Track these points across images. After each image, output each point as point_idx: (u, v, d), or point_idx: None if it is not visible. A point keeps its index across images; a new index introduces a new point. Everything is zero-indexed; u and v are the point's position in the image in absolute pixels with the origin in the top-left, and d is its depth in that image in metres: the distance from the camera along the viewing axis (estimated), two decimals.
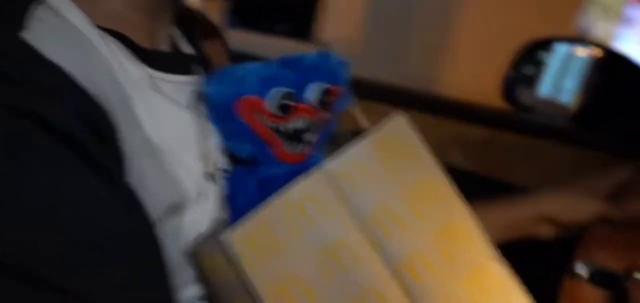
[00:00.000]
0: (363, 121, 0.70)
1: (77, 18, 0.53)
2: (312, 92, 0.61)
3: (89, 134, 0.46)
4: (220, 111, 0.60)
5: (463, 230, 0.60)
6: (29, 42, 0.47)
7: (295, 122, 0.60)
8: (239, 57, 0.80)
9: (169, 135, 0.57)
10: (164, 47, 0.64)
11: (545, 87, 1.51)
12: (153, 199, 0.53)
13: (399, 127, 0.60)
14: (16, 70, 0.45)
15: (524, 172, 1.30)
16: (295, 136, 0.61)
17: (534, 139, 1.33)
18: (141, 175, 0.52)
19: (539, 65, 1.54)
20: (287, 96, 0.59)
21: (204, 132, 0.61)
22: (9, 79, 0.44)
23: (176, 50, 0.67)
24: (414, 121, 1.40)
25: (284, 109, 0.59)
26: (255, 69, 0.60)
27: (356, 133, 0.73)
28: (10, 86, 0.44)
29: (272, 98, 0.59)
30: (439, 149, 1.39)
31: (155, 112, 0.56)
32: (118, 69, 0.54)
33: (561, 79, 1.49)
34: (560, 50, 1.50)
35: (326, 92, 0.61)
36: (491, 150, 1.34)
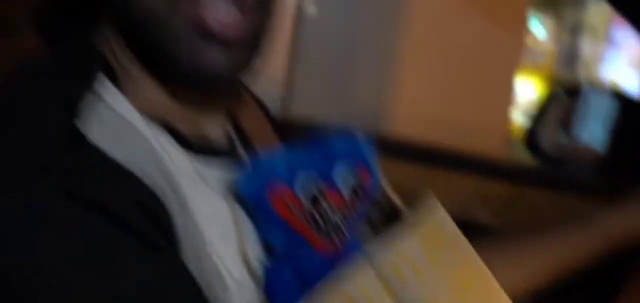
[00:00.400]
0: (396, 199, 0.69)
1: (125, 109, 0.55)
2: (342, 178, 0.60)
3: (146, 220, 0.49)
4: (252, 202, 0.59)
5: None
6: (85, 133, 0.50)
7: (326, 210, 0.60)
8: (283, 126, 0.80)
9: (211, 225, 0.57)
10: (212, 132, 0.64)
11: (571, 134, 1.49)
12: None
13: (435, 211, 0.59)
14: (75, 161, 0.48)
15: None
16: (326, 224, 0.60)
17: (560, 193, 1.31)
18: (188, 263, 0.53)
19: (561, 112, 1.53)
20: (316, 184, 0.59)
21: (241, 223, 0.61)
22: (69, 169, 0.48)
23: (225, 134, 0.67)
24: (437, 178, 1.40)
25: (313, 197, 0.58)
26: (283, 157, 0.59)
27: (388, 211, 0.72)
28: (71, 176, 0.47)
29: (302, 187, 0.58)
30: (463, 206, 1.39)
31: (200, 200, 0.57)
32: (165, 157, 0.56)
33: (587, 125, 1.48)
34: (585, 95, 1.49)
35: (355, 176, 0.61)
36: (517, 206, 1.33)
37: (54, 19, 0.66)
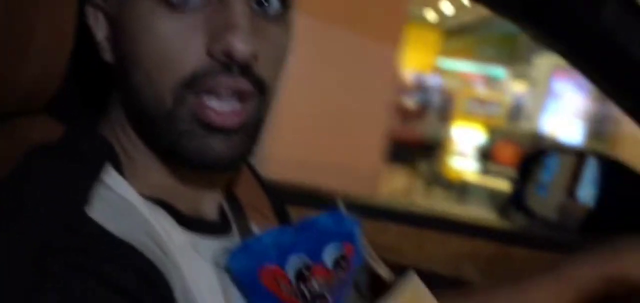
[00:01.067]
0: (380, 270, 0.75)
1: (128, 192, 0.60)
2: (328, 255, 0.66)
3: (147, 286, 0.54)
4: (244, 282, 0.65)
5: None
6: (94, 217, 0.55)
7: (313, 285, 0.65)
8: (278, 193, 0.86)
9: (205, 294, 0.62)
10: (207, 208, 0.70)
11: (573, 195, 1.52)
12: None
13: (417, 289, 0.65)
14: (86, 243, 0.53)
15: None
16: (314, 299, 0.65)
17: (547, 253, 1.36)
18: None
19: (546, 172, 1.57)
20: (304, 263, 0.64)
21: (231, 294, 0.66)
22: (77, 247, 0.52)
23: (221, 212, 0.73)
24: (428, 241, 1.45)
25: (302, 275, 0.64)
26: (274, 238, 0.65)
27: (372, 279, 0.77)
28: (78, 253, 0.52)
29: (291, 266, 0.64)
30: (452, 266, 1.43)
31: (194, 272, 0.62)
32: (164, 234, 0.60)
33: (587, 186, 1.51)
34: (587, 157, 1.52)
35: (341, 253, 0.67)
36: (505, 265, 1.37)
37: (69, 104, 0.72)
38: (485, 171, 5.80)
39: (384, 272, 0.75)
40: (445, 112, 7.83)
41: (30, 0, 0.63)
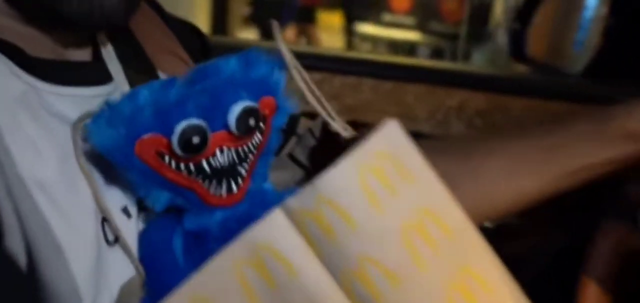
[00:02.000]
0: (336, 125, 0.55)
1: None
2: (234, 116, 0.47)
3: None
4: (117, 160, 0.47)
5: (486, 285, 0.45)
6: None
7: (213, 158, 0.47)
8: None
9: (52, 175, 0.46)
10: (77, 53, 0.54)
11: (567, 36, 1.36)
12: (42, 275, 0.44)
13: (390, 137, 0.45)
14: None
15: None
16: (217, 173, 0.48)
17: (545, 101, 1.18)
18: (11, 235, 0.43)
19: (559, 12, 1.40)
20: (194, 130, 0.46)
21: (94, 174, 0.50)
22: None
23: (97, 58, 0.56)
24: (409, 95, 1.27)
25: (191, 147, 0.46)
26: (150, 98, 0.47)
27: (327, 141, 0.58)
28: None
29: (180, 138, 0.45)
30: (440, 120, 1.26)
31: (36, 140, 0.46)
32: None
33: (583, 26, 1.34)
34: None
35: (249, 112, 0.48)
36: (500, 118, 1.20)
37: None
38: None
39: (340, 127, 0.56)
40: None
41: None
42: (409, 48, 4.54)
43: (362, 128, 0.58)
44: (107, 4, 0.48)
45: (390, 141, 0.45)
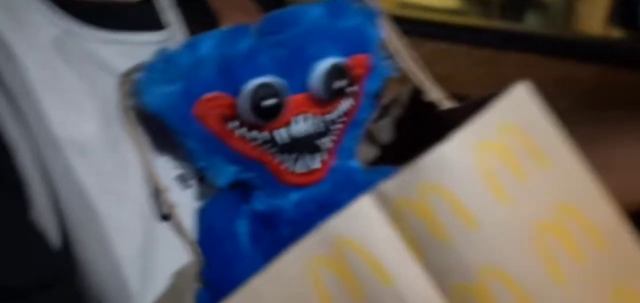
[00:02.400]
0: (432, 93, 0.45)
1: None
2: (319, 78, 0.38)
3: None
4: (172, 121, 0.38)
5: None
6: None
7: (290, 126, 0.38)
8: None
9: (92, 135, 0.39)
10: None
11: None
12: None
13: (519, 106, 0.34)
14: None
15: None
16: (294, 146, 0.38)
17: None
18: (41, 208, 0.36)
19: None
20: (267, 91, 0.37)
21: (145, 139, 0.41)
22: None
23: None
24: (503, 64, 1.15)
25: (264, 111, 0.36)
26: (214, 49, 0.38)
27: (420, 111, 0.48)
28: None
29: (250, 100, 0.36)
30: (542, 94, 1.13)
31: (75, 94, 0.39)
32: (11, 28, 0.38)
33: None
34: None
35: (338, 71, 0.38)
36: (611, 94, 1.06)
37: None
38: None
39: (437, 95, 0.45)
40: None
41: None
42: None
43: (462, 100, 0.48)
44: None
45: (518, 111, 0.34)
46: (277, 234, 0.40)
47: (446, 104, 0.47)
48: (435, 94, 0.46)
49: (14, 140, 0.36)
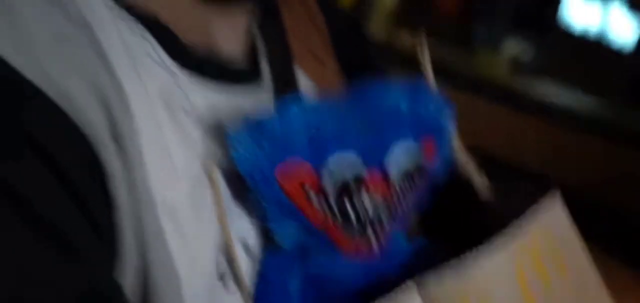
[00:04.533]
0: (476, 178, 0.50)
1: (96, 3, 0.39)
2: (394, 158, 0.42)
3: (58, 190, 0.34)
4: (255, 181, 0.41)
5: None
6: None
7: (363, 203, 0.42)
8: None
9: (183, 197, 0.40)
10: (227, 43, 0.46)
11: None
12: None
13: (552, 215, 0.39)
14: None
15: None
16: (360, 219, 0.42)
17: None
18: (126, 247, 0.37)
19: None
20: (354, 169, 0.40)
21: (224, 193, 0.43)
22: None
23: (250, 50, 0.48)
24: (522, 127, 1.19)
25: (347, 189, 0.40)
26: (307, 120, 0.41)
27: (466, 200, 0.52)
28: None
29: (332, 171, 0.40)
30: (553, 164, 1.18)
31: (172, 148, 0.40)
32: (128, 74, 0.39)
33: None
34: None
35: (415, 157, 0.42)
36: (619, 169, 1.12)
37: None
38: None
39: (480, 182, 0.50)
40: None
41: None
42: None
43: (503, 184, 0.53)
44: None
45: (551, 220, 0.40)
46: (325, 296, 0.43)
47: (486, 191, 0.51)
48: (478, 180, 0.51)
49: (120, 196, 0.36)
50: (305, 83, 0.51)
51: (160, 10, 0.42)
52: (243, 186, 0.41)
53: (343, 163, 0.40)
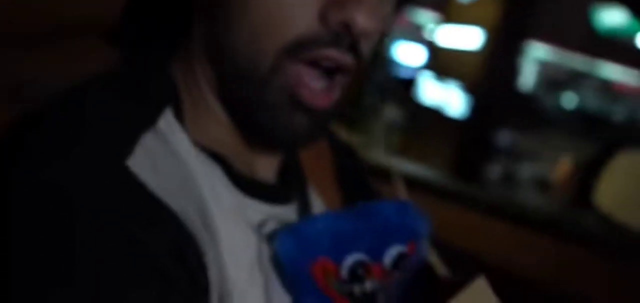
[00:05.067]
0: (439, 267, 0.68)
1: (181, 141, 0.56)
2: (389, 255, 0.60)
3: (175, 260, 0.50)
4: (290, 270, 0.58)
5: None
6: (132, 170, 0.51)
7: (365, 285, 0.59)
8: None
9: (243, 278, 0.56)
10: (264, 171, 0.63)
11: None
12: None
13: (482, 295, 0.56)
14: (120, 200, 0.50)
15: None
16: (362, 298, 0.59)
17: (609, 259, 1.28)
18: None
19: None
20: (361, 264, 0.58)
21: (272, 281, 0.59)
22: (108, 206, 0.49)
23: (281, 175, 0.66)
24: (480, 223, 1.38)
25: (357, 275, 0.58)
26: (328, 227, 0.58)
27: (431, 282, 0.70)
28: (109, 212, 0.49)
29: (347, 264, 0.58)
30: (502, 256, 1.36)
31: (237, 247, 0.56)
32: (210, 195, 0.56)
33: None
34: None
35: (402, 253, 0.60)
36: (562, 264, 1.30)
37: (130, 33, 0.66)
38: None
39: (443, 271, 0.69)
40: None
41: None
42: None
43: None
44: (300, 126, 0.56)
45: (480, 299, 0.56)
46: None
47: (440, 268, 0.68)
48: (441, 270, 0.68)
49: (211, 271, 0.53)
50: (315, 199, 0.68)
51: (220, 148, 0.59)
52: (283, 274, 0.58)
53: (355, 260, 0.58)
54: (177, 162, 0.55)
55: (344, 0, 0.53)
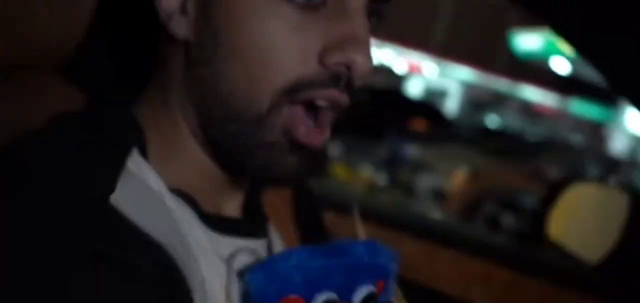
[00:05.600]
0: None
1: (154, 181, 0.56)
2: (359, 295, 0.59)
3: (168, 283, 0.52)
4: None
5: None
6: (117, 206, 0.52)
7: None
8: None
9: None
10: (230, 208, 0.64)
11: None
12: None
13: None
14: (110, 233, 0.50)
15: None
16: None
17: (566, 290, 1.30)
18: None
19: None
20: (332, 301, 0.57)
21: None
22: (105, 240, 0.49)
23: (246, 212, 0.66)
24: (439, 258, 1.39)
25: None
26: (301, 263, 0.57)
27: None
28: (105, 244, 0.49)
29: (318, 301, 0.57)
30: (463, 286, 1.37)
31: (214, 279, 0.56)
32: (188, 232, 0.56)
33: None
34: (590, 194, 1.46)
35: (371, 293, 0.60)
36: (519, 296, 1.32)
37: (91, 68, 0.65)
38: None
39: None
40: None
41: None
42: None
43: None
44: (293, 165, 0.57)
45: None
46: None
47: None
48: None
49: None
50: (275, 235, 0.68)
51: (187, 188, 0.59)
52: None
53: (326, 299, 0.57)
54: (154, 201, 0.55)
55: (343, 42, 0.53)
